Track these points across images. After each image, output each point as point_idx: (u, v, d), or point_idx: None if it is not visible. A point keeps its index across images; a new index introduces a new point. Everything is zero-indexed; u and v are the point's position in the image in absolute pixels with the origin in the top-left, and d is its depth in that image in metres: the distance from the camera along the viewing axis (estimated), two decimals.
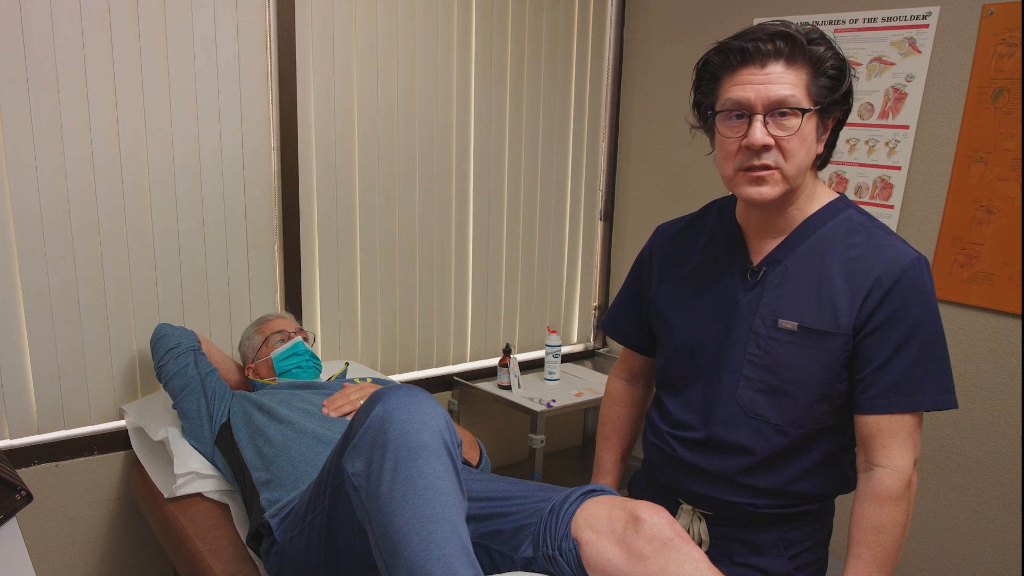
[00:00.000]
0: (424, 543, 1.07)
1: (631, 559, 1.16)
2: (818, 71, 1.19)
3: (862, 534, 1.23)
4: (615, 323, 1.58)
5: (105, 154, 1.96)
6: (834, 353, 1.23)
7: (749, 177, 1.21)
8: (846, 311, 1.22)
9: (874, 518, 1.22)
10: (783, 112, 1.17)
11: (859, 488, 1.26)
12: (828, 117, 1.24)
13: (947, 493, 2.13)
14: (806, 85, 1.18)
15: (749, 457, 1.30)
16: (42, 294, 1.93)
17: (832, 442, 1.30)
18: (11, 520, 1.42)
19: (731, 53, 1.20)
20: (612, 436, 1.60)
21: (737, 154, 1.21)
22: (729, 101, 1.20)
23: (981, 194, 2.00)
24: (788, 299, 1.26)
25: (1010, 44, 1.93)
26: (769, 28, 1.19)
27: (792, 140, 1.18)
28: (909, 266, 1.20)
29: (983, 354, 2.03)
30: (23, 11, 1.81)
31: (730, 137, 1.21)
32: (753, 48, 1.18)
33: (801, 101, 1.17)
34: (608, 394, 1.62)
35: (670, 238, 1.46)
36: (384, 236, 2.46)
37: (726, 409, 1.31)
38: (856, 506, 1.25)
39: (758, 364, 1.28)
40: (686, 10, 2.68)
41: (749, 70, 1.19)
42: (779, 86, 1.17)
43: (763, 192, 1.21)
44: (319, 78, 2.25)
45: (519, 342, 2.89)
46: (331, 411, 1.73)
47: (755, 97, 1.17)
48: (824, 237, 1.26)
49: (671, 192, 2.80)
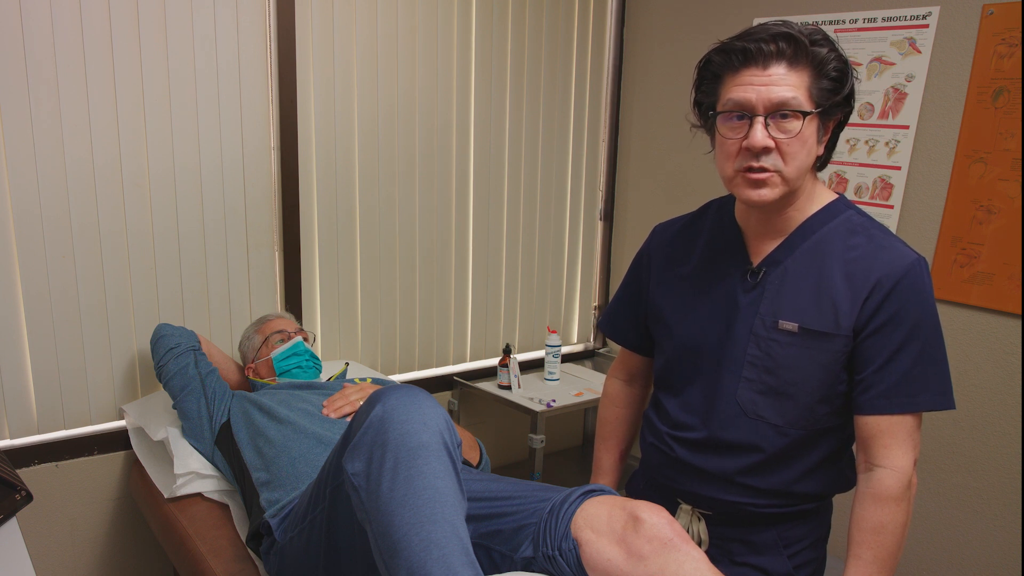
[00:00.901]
0: (424, 543, 1.07)
1: (631, 559, 1.16)
2: (820, 73, 1.18)
3: (862, 535, 1.23)
4: (613, 323, 1.58)
5: (105, 154, 1.96)
6: (834, 354, 1.23)
7: (749, 179, 1.20)
8: (847, 312, 1.22)
9: (874, 518, 1.22)
10: (784, 115, 1.17)
11: (859, 489, 1.26)
12: (829, 119, 1.23)
13: (947, 493, 2.13)
14: (808, 87, 1.18)
15: (749, 458, 1.29)
16: (42, 294, 1.93)
17: (832, 442, 1.30)
18: (11, 520, 1.42)
19: (733, 53, 1.19)
20: (611, 437, 1.60)
21: (737, 155, 1.21)
22: (730, 102, 1.19)
23: (981, 194, 2.00)
24: (788, 300, 1.26)
25: (1010, 44, 1.93)
26: (772, 29, 1.18)
27: (792, 143, 1.17)
28: (910, 267, 1.20)
29: (983, 354, 2.03)
30: (23, 11, 1.81)
31: (730, 138, 1.21)
32: (756, 49, 1.17)
33: (803, 103, 1.17)
34: (606, 395, 1.62)
35: (669, 238, 1.46)
36: (384, 236, 2.46)
37: (726, 410, 1.31)
38: (856, 506, 1.25)
39: (758, 365, 1.28)
40: (686, 10, 2.68)
41: (751, 71, 1.18)
42: (781, 88, 1.16)
43: (762, 195, 1.20)
44: (319, 78, 2.25)
45: (519, 342, 2.89)
46: (331, 412, 1.73)
47: (756, 98, 1.17)
48: (824, 238, 1.26)
49: (671, 192, 2.80)
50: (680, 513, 1.40)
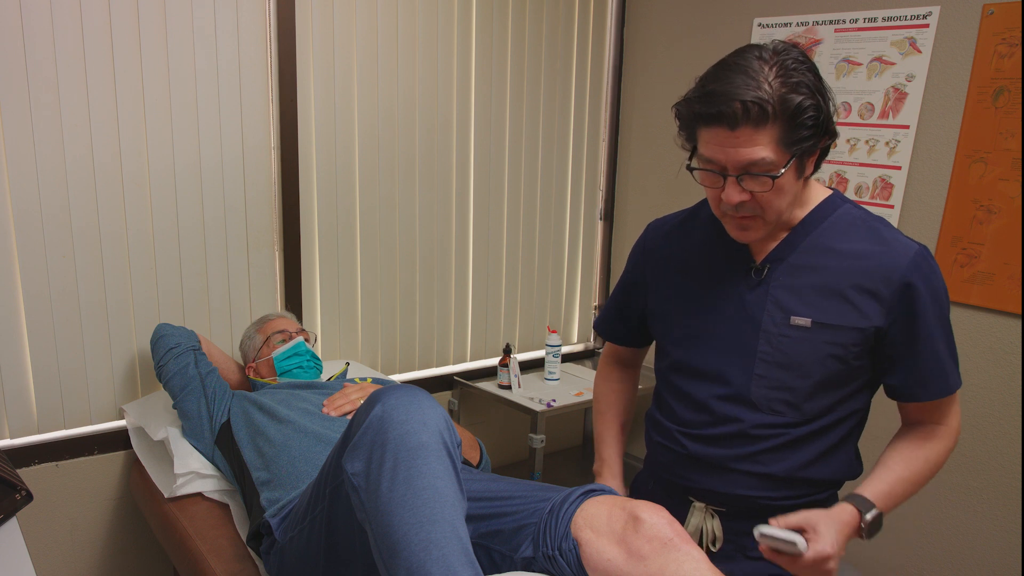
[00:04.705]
0: (423, 543, 1.07)
1: (631, 559, 1.16)
2: (794, 123, 1.14)
3: (898, 454, 1.30)
4: (609, 324, 1.59)
5: (105, 153, 1.96)
6: (847, 346, 1.26)
7: (734, 221, 1.25)
8: (858, 304, 1.24)
9: (915, 442, 1.30)
10: (755, 173, 1.16)
11: (902, 429, 1.35)
12: (809, 155, 1.21)
13: (947, 493, 2.13)
14: (778, 140, 1.15)
15: (763, 448, 1.30)
16: (42, 294, 1.93)
17: (843, 429, 1.33)
18: (11, 520, 1.42)
19: (700, 115, 1.17)
20: (608, 410, 1.59)
21: (719, 202, 1.24)
22: (702, 157, 1.22)
23: (981, 194, 2.00)
24: (797, 296, 1.28)
25: (1010, 44, 1.93)
26: (737, 92, 1.12)
27: (767, 195, 1.19)
28: (917, 257, 1.24)
29: (983, 354, 2.03)
30: (23, 11, 1.81)
31: (709, 187, 1.25)
32: (717, 113, 1.14)
33: (772, 164, 1.15)
34: (600, 374, 1.63)
35: (663, 237, 1.47)
36: (384, 236, 2.46)
37: (739, 407, 1.32)
38: (896, 438, 1.33)
39: (770, 362, 1.29)
40: (686, 10, 2.68)
41: (719, 130, 1.16)
42: (749, 149, 1.15)
43: (748, 236, 1.26)
44: (319, 77, 2.25)
45: (519, 342, 2.89)
46: (331, 411, 1.73)
47: (725, 160, 1.18)
48: (825, 232, 1.29)
49: (671, 192, 2.80)
50: (693, 511, 1.40)
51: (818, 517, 1.17)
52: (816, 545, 1.14)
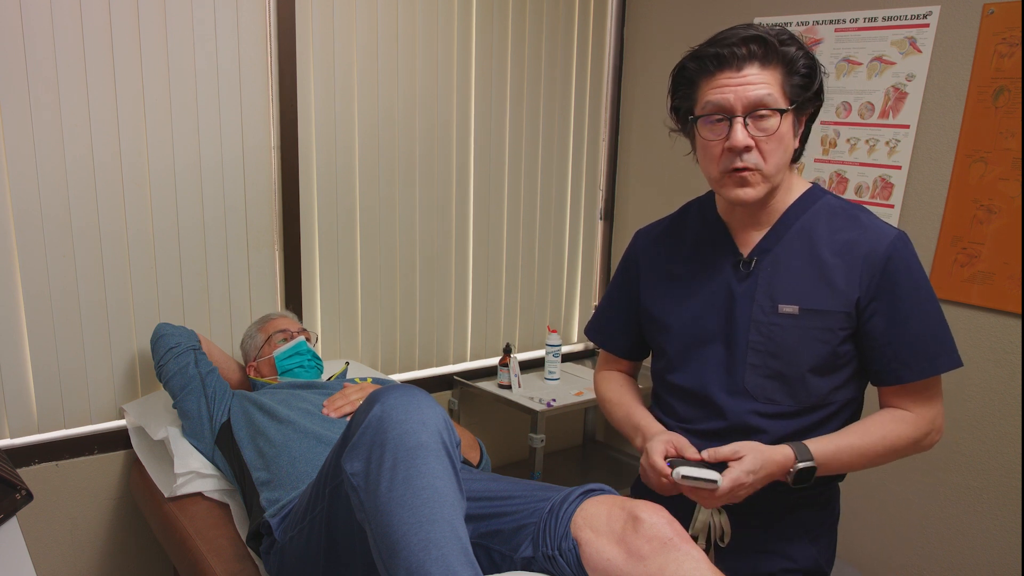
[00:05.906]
0: (423, 543, 1.07)
1: (631, 559, 1.16)
2: (791, 71, 1.24)
3: (861, 425, 1.31)
4: (601, 330, 1.59)
5: (105, 153, 1.96)
6: (836, 331, 1.28)
7: (735, 179, 1.26)
8: (843, 288, 1.28)
9: (880, 420, 1.30)
10: (761, 114, 1.22)
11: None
12: (802, 114, 1.30)
13: (947, 493, 2.13)
14: (781, 84, 1.24)
15: (763, 438, 1.31)
16: (42, 294, 1.94)
17: (838, 421, 1.34)
18: (11, 520, 1.42)
19: (707, 59, 1.25)
20: (622, 397, 1.50)
21: (721, 157, 1.26)
22: (709, 105, 1.25)
23: (981, 194, 2.00)
24: (784, 284, 1.31)
25: (1010, 43, 1.92)
26: (741, 33, 1.23)
27: (771, 140, 1.23)
28: (895, 241, 1.27)
29: (983, 354, 2.03)
30: (23, 11, 1.81)
31: (712, 140, 1.26)
32: (728, 53, 1.22)
33: (778, 100, 1.23)
34: (599, 378, 1.60)
35: (653, 241, 1.49)
36: (384, 236, 2.46)
37: (736, 398, 1.33)
38: (872, 414, 1.33)
39: (762, 351, 1.31)
40: (686, 10, 2.68)
41: (726, 74, 1.23)
42: (756, 87, 1.22)
43: (748, 193, 1.27)
44: (319, 77, 2.25)
45: (519, 342, 2.89)
46: (331, 411, 1.73)
47: (734, 99, 1.22)
48: (808, 223, 1.33)
49: (671, 192, 2.80)
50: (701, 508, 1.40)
51: (748, 448, 1.22)
52: (732, 472, 1.19)
